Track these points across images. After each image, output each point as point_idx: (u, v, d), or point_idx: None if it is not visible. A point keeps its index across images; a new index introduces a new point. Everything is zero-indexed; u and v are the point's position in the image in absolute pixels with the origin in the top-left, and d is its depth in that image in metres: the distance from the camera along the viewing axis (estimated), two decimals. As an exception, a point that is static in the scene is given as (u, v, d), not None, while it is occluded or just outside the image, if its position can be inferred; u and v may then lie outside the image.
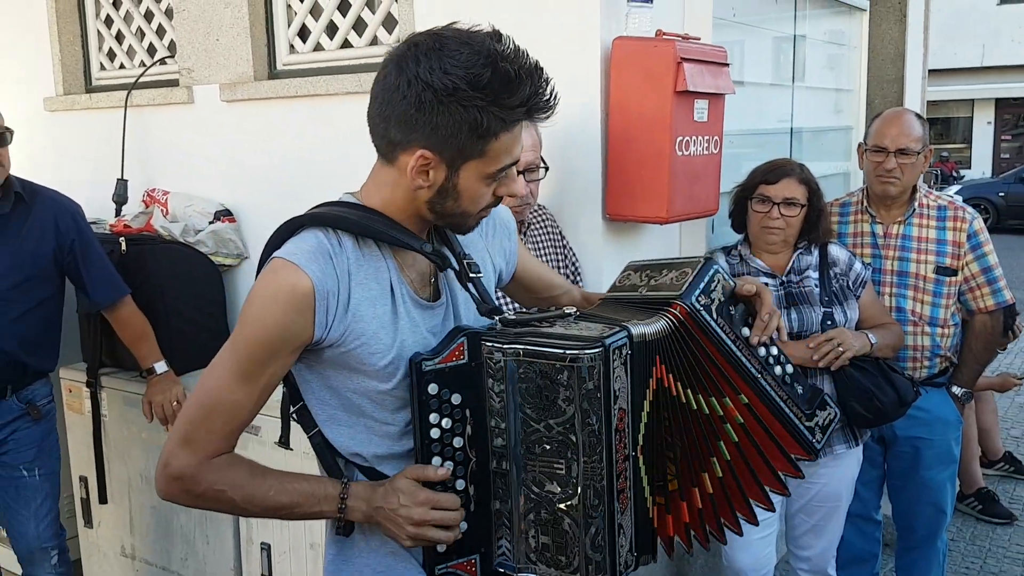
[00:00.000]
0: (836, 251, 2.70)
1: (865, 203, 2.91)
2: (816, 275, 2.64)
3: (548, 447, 1.34)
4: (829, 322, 2.56)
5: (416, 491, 1.34)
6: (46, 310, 2.64)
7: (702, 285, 1.49)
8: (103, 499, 3.06)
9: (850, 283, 2.66)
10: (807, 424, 1.55)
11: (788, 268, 2.65)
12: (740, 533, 1.50)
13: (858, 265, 2.69)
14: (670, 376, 1.43)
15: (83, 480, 3.12)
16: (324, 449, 1.41)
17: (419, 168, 1.30)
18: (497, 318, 1.40)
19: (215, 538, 2.82)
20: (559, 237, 2.48)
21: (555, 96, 1.30)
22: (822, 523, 2.75)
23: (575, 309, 1.44)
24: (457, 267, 1.44)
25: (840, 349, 2.47)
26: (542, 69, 1.27)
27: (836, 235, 2.87)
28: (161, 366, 2.75)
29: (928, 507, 2.94)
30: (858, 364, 2.52)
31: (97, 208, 3.41)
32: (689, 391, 1.45)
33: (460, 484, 1.39)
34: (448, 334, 1.37)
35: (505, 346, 1.33)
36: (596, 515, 1.34)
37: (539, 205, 2.47)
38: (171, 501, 1.38)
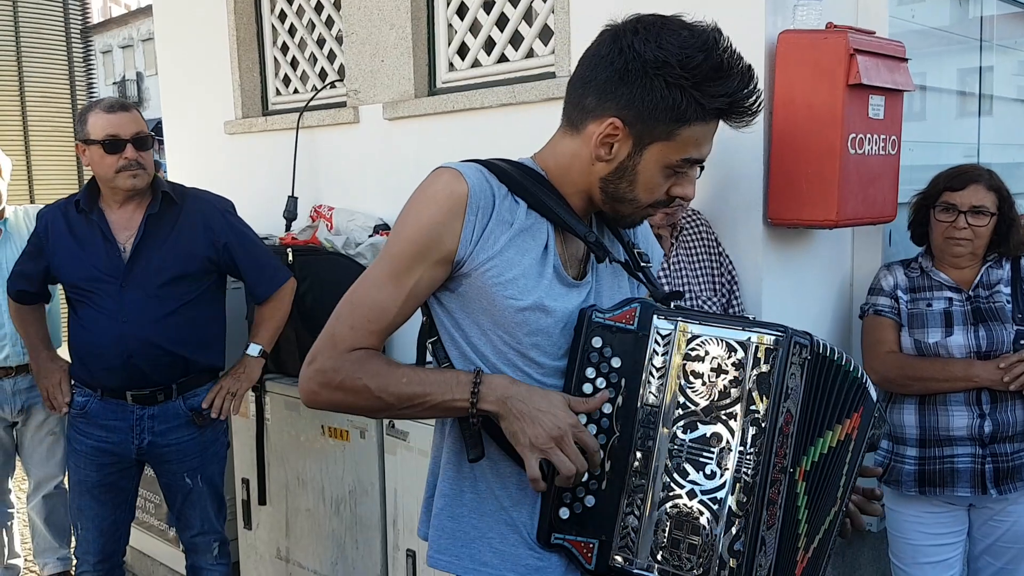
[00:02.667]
0: (1031, 265, 2.44)
1: (1065, 214, 2.62)
2: (1008, 290, 2.40)
3: (702, 432, 1.25)
4: (1022, 341, 2.31)
5: (571, 413, 1.28)
6: (200, 307, 2.65)
7: (877, 405, 1.42)
8: (262, 501, 3.17)
9: (1048, 300, 2.40)
10: None
11: (976, 282, 2.42)
12: None
13: (1057, 280, 2.42)
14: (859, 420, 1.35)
15: (245, 482, 3.24)
16: None
17: (605, 136, 1.30)
18: (673, 303, 1.36)
19: (364, 543, 2.84)
20: (714, 244, 2.36)
21: (759, 104, 1.28)
22: (1010, 567, 2.46)
23: (753, 317, 1.37)
24: (622, 259, 1.43)
25: (1035, 371, 2.24)
26: (754, 75, 1.27)
27: (1032, 248, 2.60)
28: (253, 349, 2.74)
29: None
30: (1056, 388, 2.27)
31: (270, 224, 3.58)
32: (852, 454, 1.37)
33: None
34: (623, 300, 1.35)
35: (679, 320, 1.29)
36: (740, 514, 1.23)
37: (692, 209, 2.36)
38: (312, 401, 1.36)
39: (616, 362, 1.31)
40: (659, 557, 1.27)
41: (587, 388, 1.32)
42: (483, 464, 1.36)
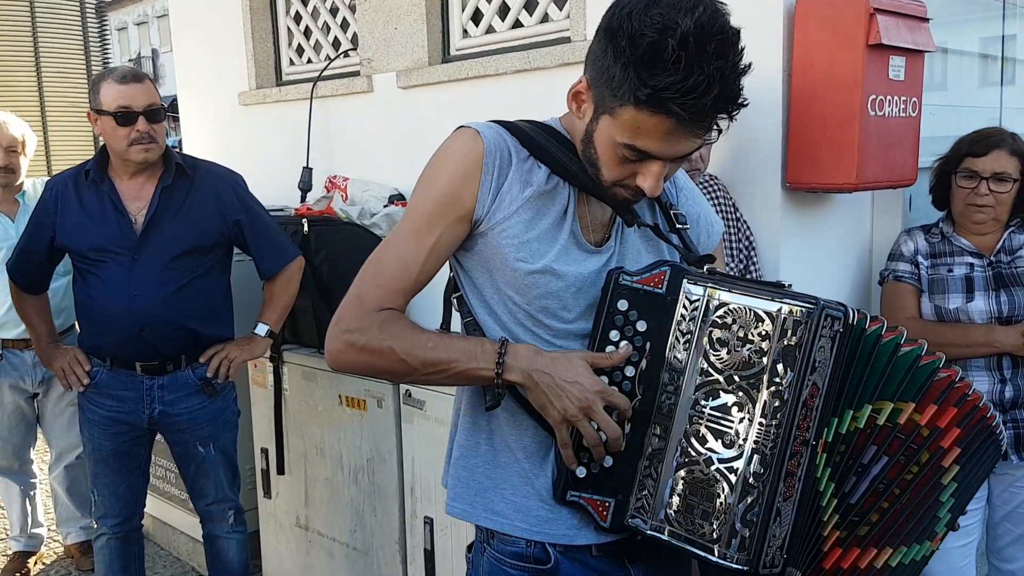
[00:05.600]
0: (1055, 230, 2.41)
1: (1091, 178, 2.58)
2: (1031, 255, 2.36)
3: (723, 401, 1.23)
4: (1046, 306, 2.28)
5: (595, 378, 1.28)
6: (210, 280, 2.66)
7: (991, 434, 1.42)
8: (281, 470, 3.19)
9: (1072, 265, 2.37)
10: None
11: (997, 248, 2.39)
12: None
13: (1082, 245, 2.39)
14: (955, 449, 1.32)
15: (264, 452, 3.27)
16: (478, 335, 1.37)
17: (576, 92, 1.28)
18: (706, 267, 1.33)
19: (382, 511, 2.86)
20: (732, 210, 2.34)
21: (706, 114, 1.15)
22: (1032, 533, 2.44)
23: (790, 283, 1.32)
24: (651, 223, 1.39)
25: (1059, 335, 2.21)
26: (712, 83, 1.12)
27: (1055, 213, 2.56)
28: (261, 329, 2.77)
29: None
30: (1079, 353, 2.24)
31: (285, 195, 3.59)
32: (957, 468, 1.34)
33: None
34: (653, 262, 1.33)
35: (708, 285, 1.26)
36: (757, 485, 1.21)
37: (709, 174, 2.33)
38: (338, 363, 1.35)
39: (641, 325, 1.30)
40: (673, 520, 1.27)
41: (610, 351, 1.31)
42: (499, 416, 1.37)
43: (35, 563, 3.73)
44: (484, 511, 1.39)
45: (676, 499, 1.27)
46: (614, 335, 1.31)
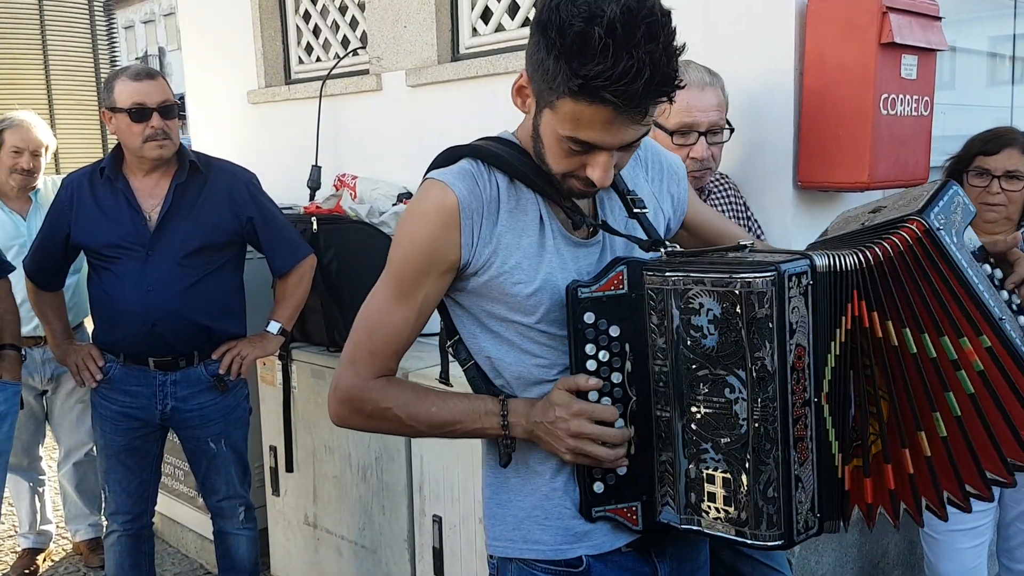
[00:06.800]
0: (1068, 229, 2.40)
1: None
2: (1043, 255, 2.35)
3: (713, 385, 1.23)
4: (1060, 306, 2.27)
5: (571, 402, 1.29)
6: (223, 277, 2.67)
7: (941, 203, 1.31)
8: (290, 468, 3.20)
9: (1086, 264, 2.35)
10: None
11: (1009, 247, 2.37)
12: (960, 510, 1.31)
13: (1095, 244, 2.38)
14: (874, 314, 1.24)
15: (272, 450, 3.27)
16: (479, 381, 1.39)
17: (519, 87, 1.28)
18: (663, 250, 1.32)
19: (391, 509, 2.86)
20: (743, 208, 2.33)
21: (641, 100, 1.13)
22: (1043, 534, 2.44)
23: (751, 242, 1.31)
24: (602, 219, 1.38)
25: (1073, 336, 2.19)
26: (651, 67, 1.11)
27: (1068, 212, 2.55)
28: (273, 327, 2.78)
29: None
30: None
31: (294, 193, 3.59)
32: (907, 331, 1.24)
33: (619, 424, 1.31)
34: (608, 264, 1.31)
35: (668, 274, 1.25)
36: (768, 461, 1.21)
37: (720, 173, 2.33)
38: (343, 425, 1.41)
39: (615, 331, 1.29)
40: (700, 510, 1.27)
41: (591, 365, 1.30)
42: (525, 446, 1.38)
43: (44, 560, 3.74)
44: (524, 543, 1.40)
45: (697, 489, 1.27)
46: (590, 349, 1.29)
